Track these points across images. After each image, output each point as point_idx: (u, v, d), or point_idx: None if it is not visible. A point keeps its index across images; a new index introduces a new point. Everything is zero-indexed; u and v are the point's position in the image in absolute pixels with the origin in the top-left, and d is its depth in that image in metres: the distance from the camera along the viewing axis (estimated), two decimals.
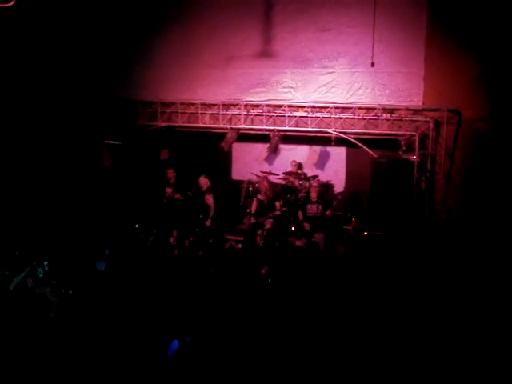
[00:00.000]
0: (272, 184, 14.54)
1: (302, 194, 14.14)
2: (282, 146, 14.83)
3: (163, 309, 9.46)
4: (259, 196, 14.19)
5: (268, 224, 13.42)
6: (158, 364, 8.22)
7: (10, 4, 9.19)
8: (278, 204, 13.63)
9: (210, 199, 14.09)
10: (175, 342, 8.35)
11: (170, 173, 14.51)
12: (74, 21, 14.23)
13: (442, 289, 10.64)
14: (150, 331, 8.88)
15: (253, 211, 13.97)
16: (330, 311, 9.85)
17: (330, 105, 13.93)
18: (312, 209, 13.30)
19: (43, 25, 13.53)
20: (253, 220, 13.85)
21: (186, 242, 12.42)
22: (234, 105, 14.58)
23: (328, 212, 13.23)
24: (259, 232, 12.49)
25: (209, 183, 14.24)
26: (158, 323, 9.07)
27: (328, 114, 13.96)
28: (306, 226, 12.99)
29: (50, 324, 9.08)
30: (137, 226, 13.19)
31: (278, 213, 13.25)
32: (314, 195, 13.47)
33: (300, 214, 13.40)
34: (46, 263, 9.71)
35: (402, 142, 13.29)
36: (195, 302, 9.67)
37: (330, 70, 14.06)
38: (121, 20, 14.90)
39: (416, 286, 10.77)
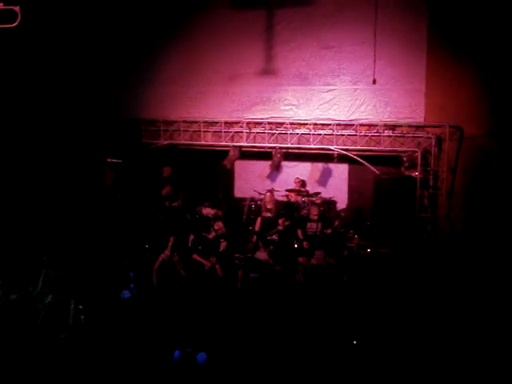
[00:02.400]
0: (275, 199, 14.52)
1: (304, 212, 14.11)
2: (285, 163, 14.85)
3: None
4: (264, 213, 14.11)
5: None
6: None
7: (14, 24, 9.28)
8: (281, 221, 13.57)
9: (220, 225, 13.87)
10: (177, 352, 8.32)
11: (168, 189, 14.53)
12: (78, 39, 14.31)
13: (445, 305, 10.60)
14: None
15: (257, 229, 13.86)
16: (332, 326, 9.85)
17: (332, 122, 13.95)
18: (312, 227, 13.22)
19: (48, 43, 13.62)
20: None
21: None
22: (236, 122, 14.62)
23: (328, 230, 13.14)
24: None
25: (213, 211, 14.08)
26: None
27: (330, 131, 13.98)
28: (305, 244, 12.91)
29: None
30: (146, 246, 13.18)
31: (280, 228, 13.16)
32: (314, 213, 13.37)
33: (299, 232, 13.32)
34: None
35: (405, 159, 13.30)
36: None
37: (332, 88, 14.09)
38: (123, 39, 15.01)
39: (420, 302, 10.73)
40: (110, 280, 11.25)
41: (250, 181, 15.80)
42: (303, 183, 15.20)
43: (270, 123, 14.47)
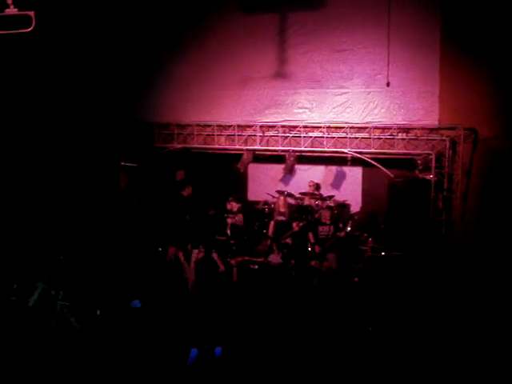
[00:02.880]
0: (288, 203, 14.49)
1: (317, 215, 14.09)
2: (298, 167, 14.86)
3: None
4: (277, 217, 14.08)
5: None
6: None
7: (29, 29, 9.36)
8: (295, 224, 13.53)
9: (240, 218, 14.06)
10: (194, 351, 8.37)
11: (188, 190, 14.57)
12: (92, 43, 14.45)
13: (459, 307, 10.54)
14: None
15: (270, 233, 13.79)
16: (343, 330, 9.87)
17: (346, 125, 13.94)
18: (324, 230, 13.19)
19: (62, 47, 13.75)
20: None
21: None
22: (250, 126, 14.65)
23: (342, 233, 13.08)
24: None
25: (237, 205, 14.27)
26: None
27: (344, 134, 13.95)
28: (317, 248, 12.88)
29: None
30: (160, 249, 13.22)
31: (295, 229, 13.17)
32: (326, 216, 13.31)
33: (311, 235, 13.29)
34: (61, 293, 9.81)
35: (419, 162, 13.22)
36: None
37: (345, 90, 14.08)
38: (138, 43, 15.10)
39: (434, 305, 10.68)
40: (122, 282, 11.34)
41: (264, 184, 15.82)
42: (317, 186, 15.19)
43: (283, 126, 14.49)
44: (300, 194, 14.98)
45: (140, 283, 11.43)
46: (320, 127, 14.22)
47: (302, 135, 14.26)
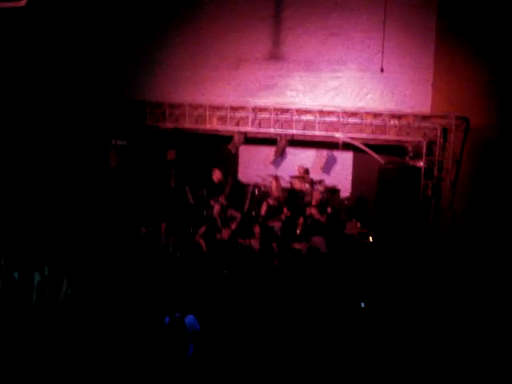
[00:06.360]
0: (281, 187, 14.53)
1: (306, 199, 14.12)
2: (289, 150, 14.84)
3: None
4: (270, 200, 14.11)
5: (277, 227, 13.39)
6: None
7: (23, 3, 9.26)
8: (285, 209, 13.57)
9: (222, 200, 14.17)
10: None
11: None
12: (84, 22, 14.30)
13: (446, 294, 10.65)
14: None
15: (262, 214, 13.90)
16: (330, 313, 9.93)
17: (338, 109, 13.88)
18: (313, 213, 13.22)
19: (53, 25, 13.61)
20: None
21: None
22: (242, 107, 14.57)
23: (324, 216, 13.13)
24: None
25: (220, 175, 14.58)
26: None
27: (336, 119, 13.91)
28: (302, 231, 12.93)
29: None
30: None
31: (283, 216, 13.21)
32: (316, 200, 13.35)
33: (301, 219, 13.30)
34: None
35: (410, 149, 13.25)
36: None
37: (339, 75, 14.05)
38: (130, 21, 14.96)
39: (420, 291, 10.79)
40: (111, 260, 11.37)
41: (254, 166, 15.78)
42: (307, 171, 15.18)
43: (275, 109, 14.39)
44: (291, 177, 14.98)
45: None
46: (312, 111, 14.15)
47: (294, 118, 14.21)
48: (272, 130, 14.41)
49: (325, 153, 15.25)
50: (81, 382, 8.33)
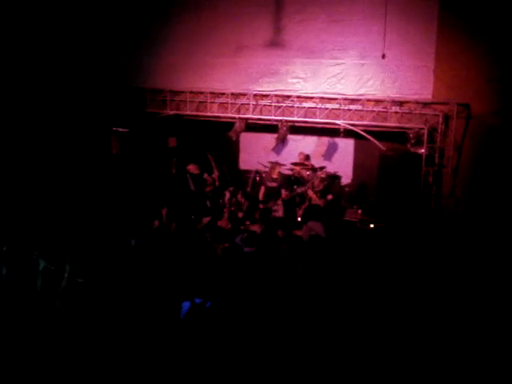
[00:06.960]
0: (279, 171, 14.60)
1: (307, 185, 14.15)
2: (290, 137, 14.80)
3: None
4: (268, 183, 14.19)
5: (278, 212, 13.42)
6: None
7: None
8: (283, 192, 13.64)
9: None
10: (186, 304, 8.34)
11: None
12: (84, 8, 14.25)
13: (446, 282, 10.66)
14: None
15: (260, 198, 13.96)
16: (330, 303, 9.90)
17: (339, 96, 13.87)
18: (313, 199, 13.28)
19: (53, 12, 13.56)
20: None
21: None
22: (243, 94, 14.56)
23: (322, 201, 13.17)
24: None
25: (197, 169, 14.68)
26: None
27: (337, 106, 13.90)
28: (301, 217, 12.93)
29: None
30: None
31: (284, 197, 13.27)
32: (316, 187, 13.39)
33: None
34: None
35: (411, 135, 13.22)
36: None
37: (340, 61, 13.97)
38: (131, 7, 14.91)
39: (420, 279, 10.79)
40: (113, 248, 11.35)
41: (256, 153, 15.80)
42: (307, 158, 15.19)
43: (276, 96, 14.39)
44: (291, 164, 15.00)
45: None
46: (313, 98, 14.15)
47: (296, 105, 14.21)
48: (273, 117, 14.41)
49: (326, 140, 15.27)
50: (86, 371, 8.34)
